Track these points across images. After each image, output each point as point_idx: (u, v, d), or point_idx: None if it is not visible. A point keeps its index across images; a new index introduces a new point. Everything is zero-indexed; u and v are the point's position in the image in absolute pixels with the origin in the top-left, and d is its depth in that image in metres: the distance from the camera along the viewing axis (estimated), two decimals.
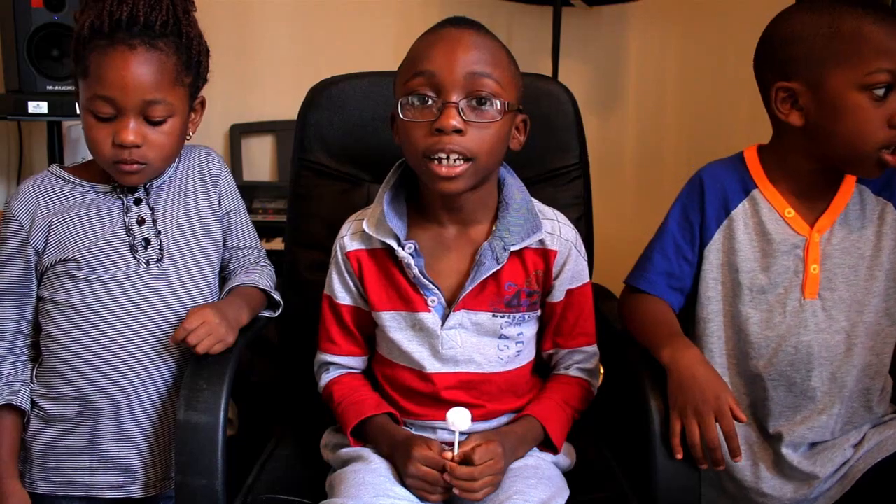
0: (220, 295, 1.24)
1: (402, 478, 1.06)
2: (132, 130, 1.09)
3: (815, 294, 1.17)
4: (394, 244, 1.12)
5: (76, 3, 1.83)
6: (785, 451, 1.18)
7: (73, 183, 1.18)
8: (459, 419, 1.01)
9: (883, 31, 1.06)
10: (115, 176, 1.15)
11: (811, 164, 1.16)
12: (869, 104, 1.07)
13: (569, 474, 1.16)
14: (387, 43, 2.22)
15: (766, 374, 1.18)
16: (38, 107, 1.84)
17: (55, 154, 1.99)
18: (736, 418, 1.02)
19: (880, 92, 1.07)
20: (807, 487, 1.18)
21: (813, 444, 1.19)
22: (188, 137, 1.20)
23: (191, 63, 1.15)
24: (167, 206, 1.20)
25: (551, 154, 1.39)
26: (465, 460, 1.02)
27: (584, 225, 1.40)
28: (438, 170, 1.05)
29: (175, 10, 1.12)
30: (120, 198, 1.18)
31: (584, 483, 1.15)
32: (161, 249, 1.18)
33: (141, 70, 1.08)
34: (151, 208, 1.19)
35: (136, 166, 1.12)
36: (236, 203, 1.29)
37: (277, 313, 1.28)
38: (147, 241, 1.17)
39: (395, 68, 1.12)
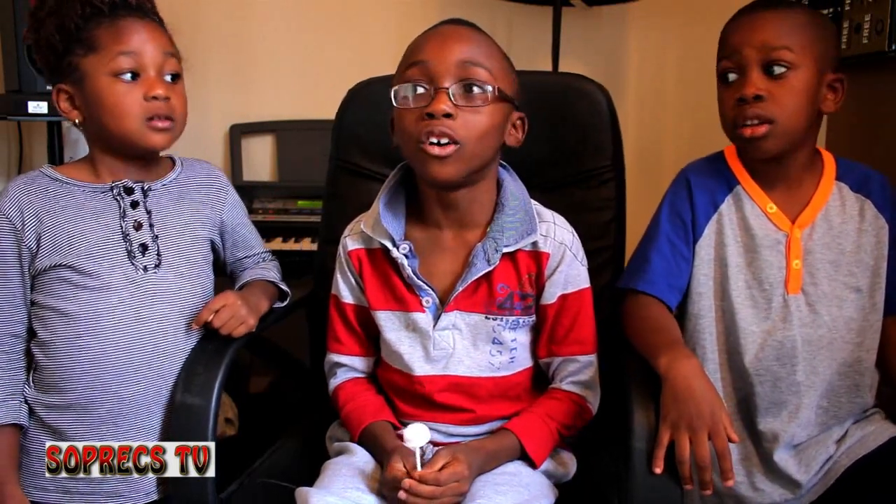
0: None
1: (379, 473, 1.07)
2: (160, 83, 1.14)
3: (799, 289, 1.18)
4: (388, 245, 1.13)
5: None
6: (772, 449, 1.18)
7: (66, 183, 1.17)
8: (415, 435, 1.02)
9: (729, 28, 1.17)
10: (142, 141, 1.15)
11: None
12: (721, 89, 1.17)
13: (568, 484, 1.15)
14: (386, 44, 2.22)
15: (752, 369, 1.19)
16: (38, 107, 1.84)
17: (55, 154, 1.99)
18: (729, 438, 0.98)
19: (730, 77, 1.15)
20: (794, 487, 1.19)
21: (798, 443, 1.19)
22: None
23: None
24: (165, 211, 1.20)
25: (583, 155, 1.36)
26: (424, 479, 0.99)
27: (616, 229, 1.35)
28: (431, 149, 1.06)
29: None
30: (116, 200, 1.17)
31: (580, 493, 1.13)
32: (159, 255, 1.17)
33: (153, 32, 1.16)
34: (149, 212, 1.18)
35: (168, 122, 1.15)
36: (243, 216, 1.33)
37: (286, 303, 1.31)
38: (144, 247, 1.17)
39: (395, 70, 1.13)
